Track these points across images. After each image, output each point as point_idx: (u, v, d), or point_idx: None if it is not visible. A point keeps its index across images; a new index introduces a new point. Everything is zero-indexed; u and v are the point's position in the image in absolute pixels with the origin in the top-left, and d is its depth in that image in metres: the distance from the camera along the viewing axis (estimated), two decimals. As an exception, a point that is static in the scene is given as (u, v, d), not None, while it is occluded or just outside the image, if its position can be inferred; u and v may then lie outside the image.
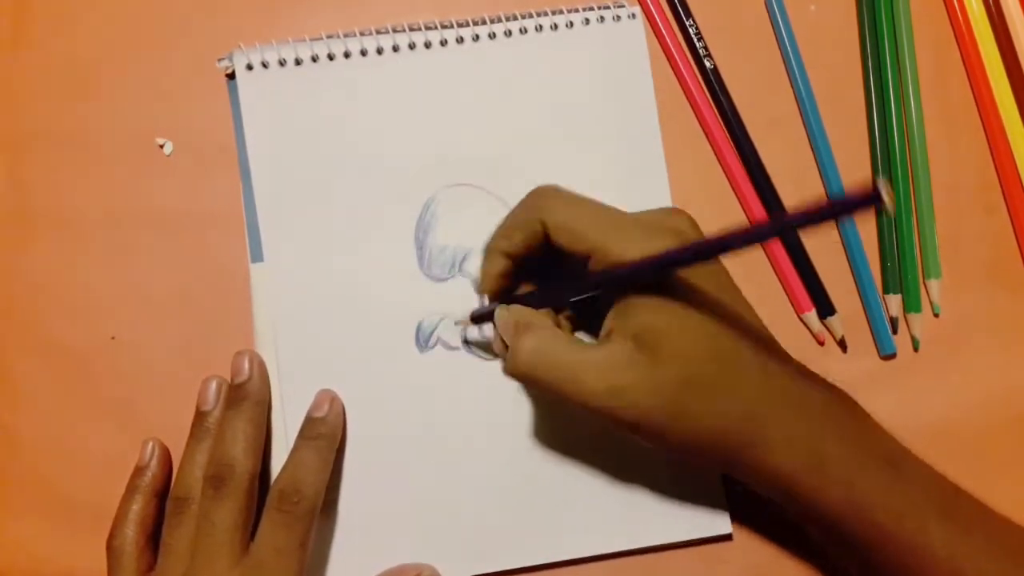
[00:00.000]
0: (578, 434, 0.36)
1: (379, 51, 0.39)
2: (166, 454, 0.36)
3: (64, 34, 0.40)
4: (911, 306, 0.38)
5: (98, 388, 0.37)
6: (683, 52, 0.40)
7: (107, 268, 0.38)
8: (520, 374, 0.30)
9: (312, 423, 0.35)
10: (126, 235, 0.38)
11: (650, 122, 0.39)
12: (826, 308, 0.38)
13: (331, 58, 0.38)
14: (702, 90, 0.40)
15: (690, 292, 0.29)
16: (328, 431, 0.35)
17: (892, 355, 0.38)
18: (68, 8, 0.40)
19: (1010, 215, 0.39)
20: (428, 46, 0.39)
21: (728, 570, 0.36)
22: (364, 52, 0.39)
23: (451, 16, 0.39)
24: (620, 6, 0.40)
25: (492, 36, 0.39)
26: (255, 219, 0.38)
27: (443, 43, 0.39)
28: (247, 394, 0.35)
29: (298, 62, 0.38)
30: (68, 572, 0.36)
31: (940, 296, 0.38)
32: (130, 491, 0.35)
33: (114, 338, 0.38)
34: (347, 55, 0.39)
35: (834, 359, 0.38)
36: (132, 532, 0.34)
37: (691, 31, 0.40)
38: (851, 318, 0.38)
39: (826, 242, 0.39)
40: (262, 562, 0.32)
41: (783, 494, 0.31)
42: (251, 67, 0.38)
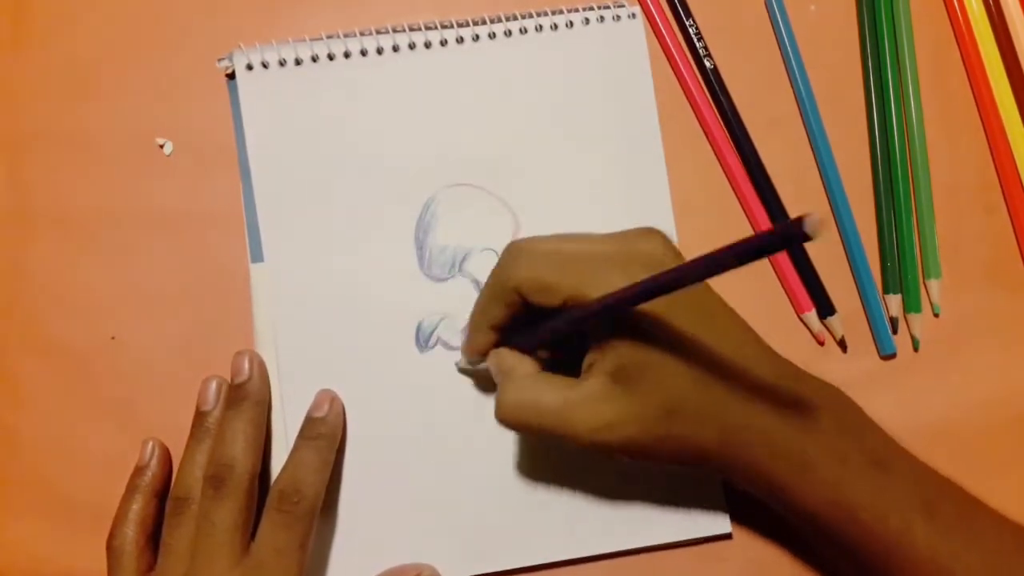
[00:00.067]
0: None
1: (379, 51, 0.39)
2: (166, 454, 0.36)
3: (64, 34, 0.40)
4: (911, 306, 0.38)
5: (98, 388, 0.37)
6: (683, 52, 0.40)
7: (107, 268, 0.38)
8: (507, 424, 0.31)
9: (312, 423, 0.35)
10: (126, 235, 0.38)
11: (650, 122, 0.39)
12: (826, 308, 0.38)
13: (331, 58, 0.38)
14: (702, 90, 0.40)
15: (666, 321, 0.29)
16: (328, 431, 0.35)
17: (892, 355, 0.38)
18: (68, 8, 0.40)
19: (1010, 215, 0.39)
20: (428, 46, 0.39)
21: (728, 569, 0.37)
22: (364, 52, 0.39)
23: (451, 16, 0.39)
24: (620, 6, 0.40)
25: (492, 36, 0.39)
26: (255, 219, 0.38)
27: (443, 43, 0.39)
28: (247, 394, 0.35)
29: (298, 62, 0.38)
30: (68, 572, 0.36)
31: (940, 296, 0.38)
32: (130, 491, 0.35)
33: (114, 338, 0.38)
34: (347, 55, 0.39)
35: (834, 359, 0.38)
36: (132, 532, 0.34)
37: (691, 31, 0.40)
38: (851, 318, 0.38)
39: (826, 242, 0.39)
40: (262, 562, 0.32)
41: (770, 496, 0.31)
42: (251, 67, 0.38)
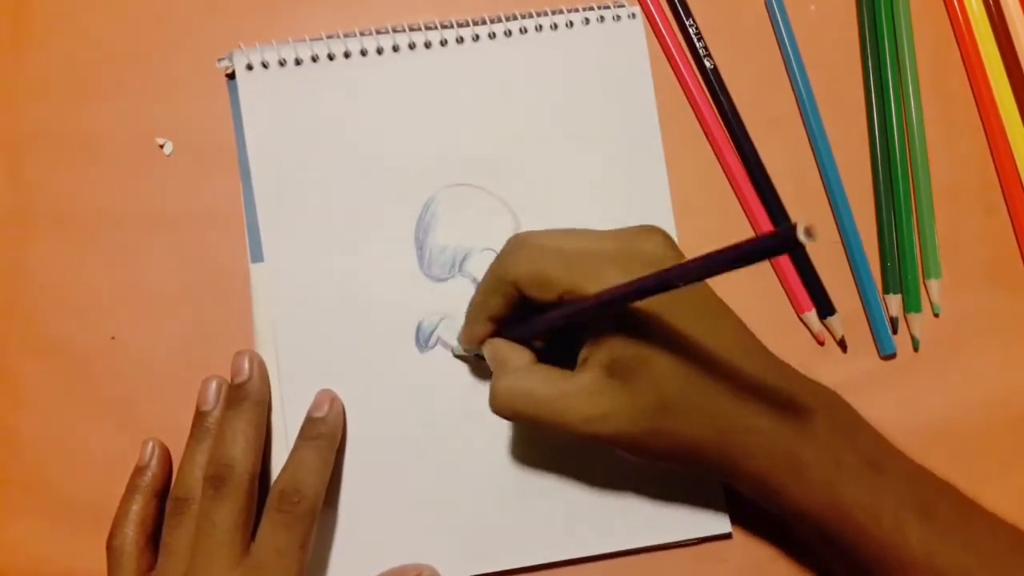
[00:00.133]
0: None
1: (379, 51, 0.39)
2: (166, 454, 0.36)
3: (64, 34, 0.40)
4: (911, 306, 0.38)
5: (98, 388, 0.37)
6: (683, 52, 0.40)
7: (107, 268, 0.38)
8: (501, 413, 0.32)
9: (312, 423, 0.35)
10: (126, 235, 0.38)
11: (650, 122, 0.39)
12: (826, 308, 0.38)
13: (331, 58, 0.38)
14: (702, 90, 0.40)
15: (663, 318, 0.29)
16: (328, 431, 0.35)
17: (892, 355, 0.38)
18: (68, 8, 0.40)
19: (1010, 216, 0.39)
20: (428, 46, 0.39)
21: (727, 569, 0.37)
22: (364, 52, 0.39)
23: (451, 16, 0.39)
24: (620, 6, 0.40)
25: (492, 36, 0.39)
26: (255, 219, 0.38)
27: (443, 43, 0.39)
28: (247, 394, 0.35)
29: (298, 62, 0.38)
30: (68, 572, 0.36)
31: (940, 296, 0.39)
32: (130, 491, 0.35)
33: (114, 338, 0.38)
34: (347, 55, 0.39)
35: (834, 359, 0.38)
36: (132, 532, 0.34)
37: (691, 31, 0.40)
38: (851, 318, 0.38)
39: (826, 242, 0.39)
40: (262, 562, 0.32)
41: (764, 496, 0.31)
42: (251, 67, 0.38)
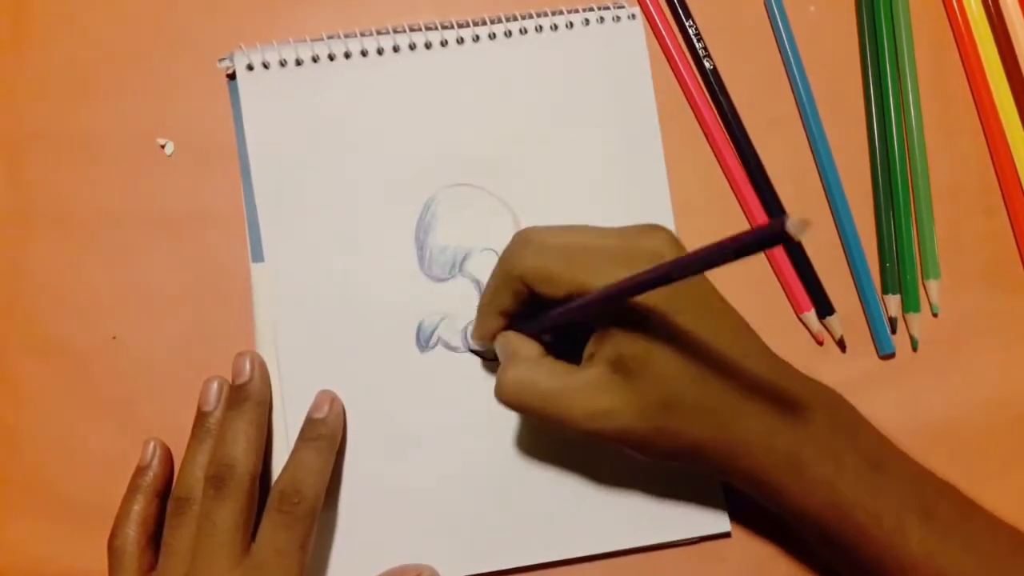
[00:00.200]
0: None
1: (379, 51, 0.39)
2: (167, 454, 0.36)
3: (64, 34, 0.40)
4: (910, 306, 0.38)
5: (98, 388, 0.37)
6: (683, 52, 0.40)
7: (108, 268, 0.38)
8: (506, 402, 0.32)
9: (312, 424, 0.35)
10: (126, 235, 0.38)
11: (650, 122, 0.39)
12: (825, 308, 0.38)
13: (331, 58, 0.38)
14: (702, 90, 0.40)
15: (668, 316, 0.29)
16: (328, 432, 0.35)
17: (891, 355, 0.38)
18: (68, 8, 0.40)
19: (1009, 218, 0.39)
20: (428, 46, 0.39)
21: (727, 568, 0.37)
22: (364, 52, 0.39)
23: (451, 16, 0.39)
24: (620, 6, 0.40)
25: (492, 36, 0.39)
26: (255, 219, 0.38)
27: (443, 43, 0.39)
28: (248, 395, 0.35)
29: (298, 62, 0.38)
30: (68, 572, 0.36)
31: (939, 297, 0.39)
32: (131, 491, 0.35)
33: (115, 338, 0.38)
34: (347, 55, 0.39)
35: (833, 359, 0.38)
36: (133, 532, 0.34)
37: (691, 31, 0.40)
38: (850, 318, 0.38)
39: (825, 242, 0.39)
40: (263, 563, 0.32)
41: (765, 495, 0.31)
42: (252, 67, 0.38)
